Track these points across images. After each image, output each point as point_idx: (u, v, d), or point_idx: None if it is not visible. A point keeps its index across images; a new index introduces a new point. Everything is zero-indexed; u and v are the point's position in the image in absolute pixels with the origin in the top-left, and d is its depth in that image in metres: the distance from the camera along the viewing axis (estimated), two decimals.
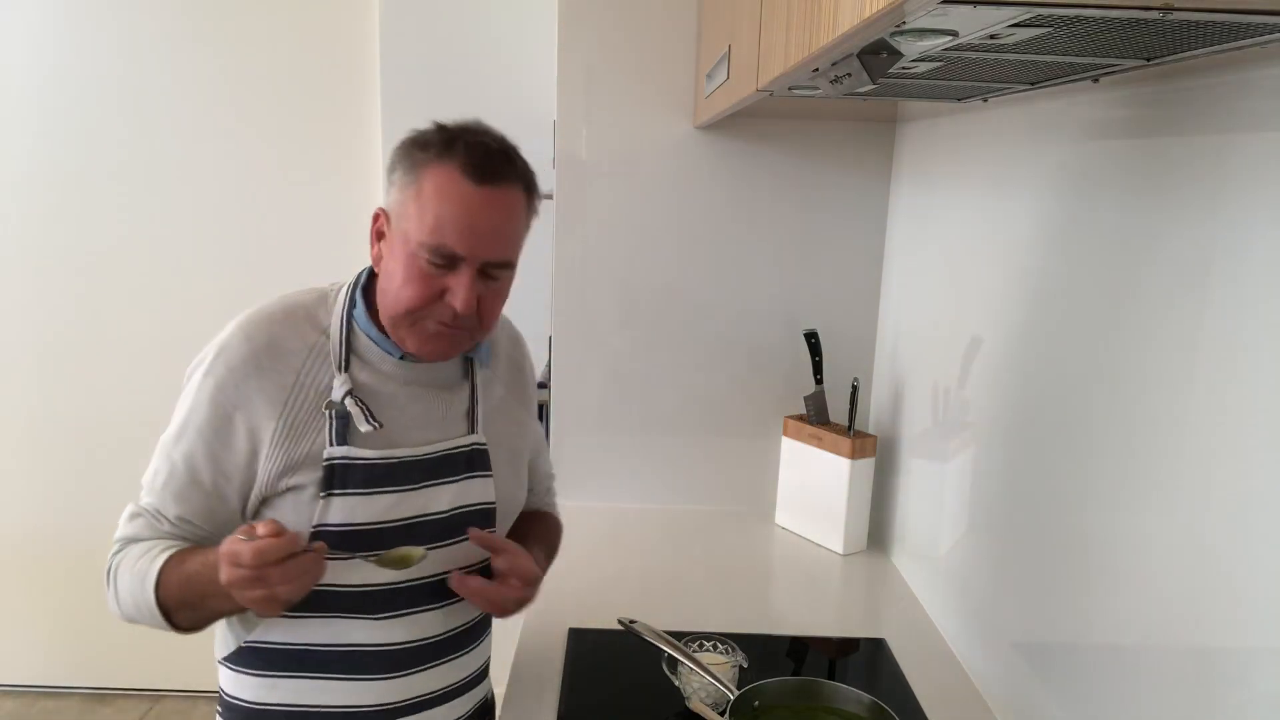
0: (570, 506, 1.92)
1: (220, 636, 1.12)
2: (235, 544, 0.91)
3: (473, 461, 1.14)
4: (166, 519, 1.05)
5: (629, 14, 1.77)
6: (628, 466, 1.94)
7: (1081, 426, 1.05)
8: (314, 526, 1.02)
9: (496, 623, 1.20)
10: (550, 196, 1.87)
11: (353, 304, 1.11)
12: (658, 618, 1.28)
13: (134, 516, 1.07)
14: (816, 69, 0.90)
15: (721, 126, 1.79)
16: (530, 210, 1.08)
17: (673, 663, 1.22)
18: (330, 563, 0.99)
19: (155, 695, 2.82)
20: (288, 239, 2.57)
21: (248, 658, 1.09)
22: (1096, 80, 0.92)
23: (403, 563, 1.03)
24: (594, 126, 1.81)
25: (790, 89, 1.08)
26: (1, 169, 2.52)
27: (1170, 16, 0.57)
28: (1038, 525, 1.16)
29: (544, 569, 1.21)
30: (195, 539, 1.06)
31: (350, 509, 1.04)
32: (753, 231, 1.84)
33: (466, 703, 1.18)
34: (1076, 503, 1.06)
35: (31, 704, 2.79)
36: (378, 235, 1.08)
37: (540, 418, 2.09)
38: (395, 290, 1.03)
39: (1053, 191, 1.14)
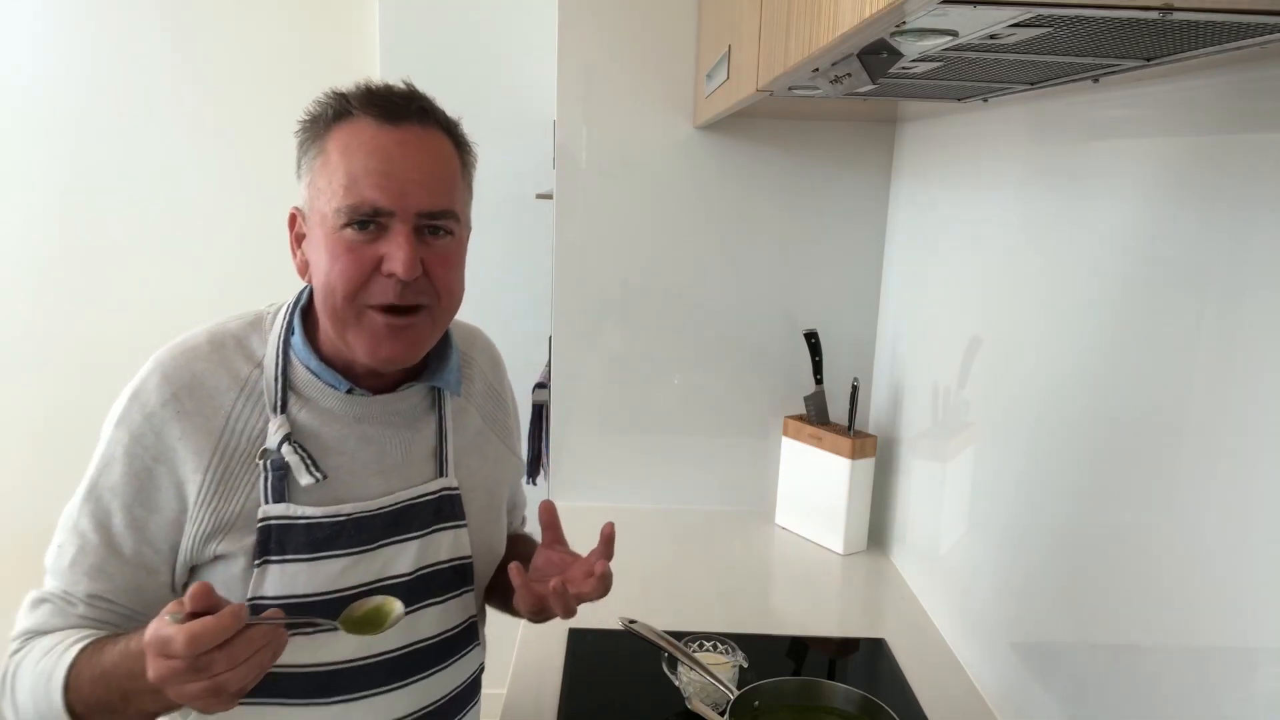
0: (570, 506, 1.93)
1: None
2: (162, 628, 0.71)
3: (442, 510, 0.98)
4: (78, 601, 0.87)
5: (629, 14, 1.77)
6: (628, 466, 1.94)
7: (1081, 426, 1.05)
8: (248, 601, 0.86)
9: (496, 620, 1.17)
10: (550, 196, 1.87)
11: (290, 330, 0.94)
12: (658, 618, 1.28)
13: (37, 604, 0.89)
14: (816, 69, 0.90)
15: (721, 126, 1.79)
16: (463, 165, 0.93)
17: (673, 663, 1.22)
18: None
19: None
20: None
21: None
22: (1096, 80, 0.92)
23: (374, 623, 0.80)
24: (594, 126, 1.81)
25: (790, 89, 1.08)
26: (3, 168, 2.52)
27: (1170, 16, 0.57)
28: (1037, 525, 1.16)
29: None
30: (116, 623, 0.88)
31: (290, 578, 0.88)
32: (753, 231, 1.84)
33: None
34: (1076, 502, 1.06)
35: None
36: (298, 240, 0.93)
37: (540, 418, 2.10)
38: (325, 280, 0.87)
39: (1052, 191, 1.14)
